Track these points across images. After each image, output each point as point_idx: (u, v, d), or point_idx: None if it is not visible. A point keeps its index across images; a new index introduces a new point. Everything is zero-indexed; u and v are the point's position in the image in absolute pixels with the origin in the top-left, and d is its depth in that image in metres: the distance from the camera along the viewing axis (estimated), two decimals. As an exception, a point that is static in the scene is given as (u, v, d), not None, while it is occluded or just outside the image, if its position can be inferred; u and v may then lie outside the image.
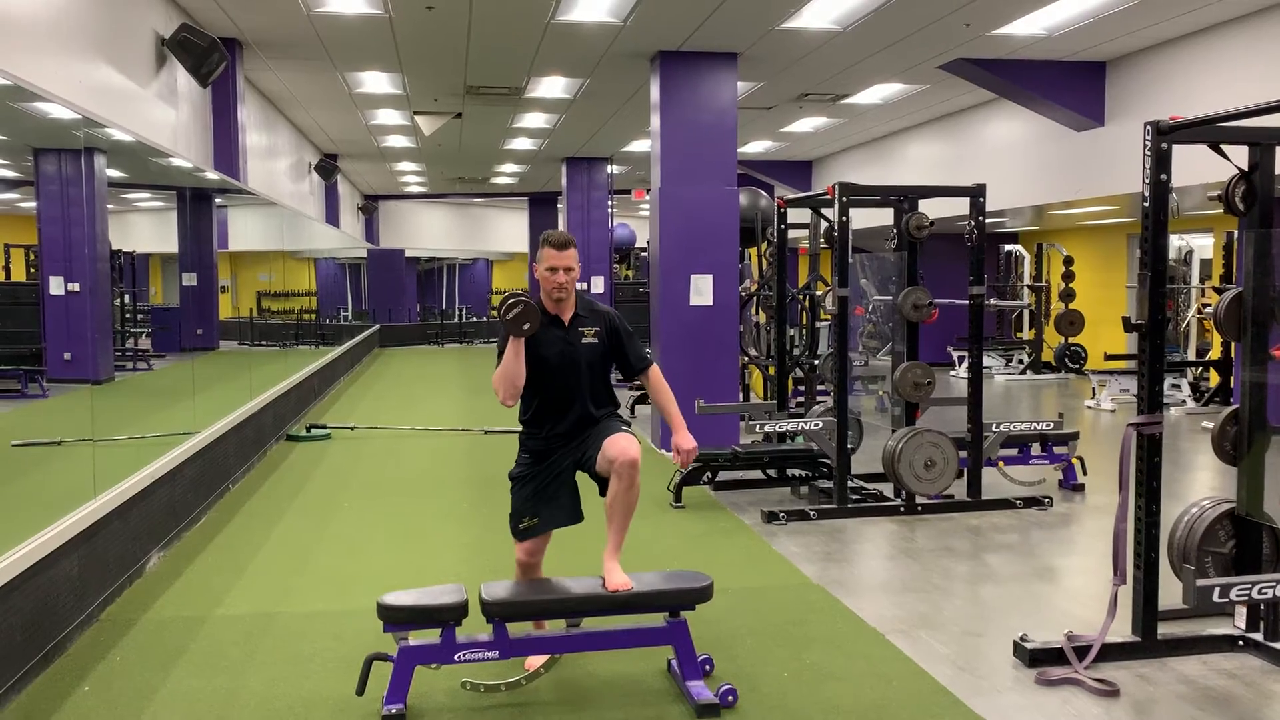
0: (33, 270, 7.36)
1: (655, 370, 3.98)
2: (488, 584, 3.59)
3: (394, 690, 3.39)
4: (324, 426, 9.74)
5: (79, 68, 5.62)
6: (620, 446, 3.62)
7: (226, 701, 3.57)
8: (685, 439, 3.83)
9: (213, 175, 8.17)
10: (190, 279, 8.14)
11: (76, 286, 5.54)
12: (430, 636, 3.47)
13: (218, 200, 8.68)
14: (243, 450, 7.56)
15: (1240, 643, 3.99)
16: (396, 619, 3.44)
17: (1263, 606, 3.91)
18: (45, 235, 5.67)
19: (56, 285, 5.55)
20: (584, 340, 3.82)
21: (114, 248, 7.31)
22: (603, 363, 3.89)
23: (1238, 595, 3.53)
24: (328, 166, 15.17)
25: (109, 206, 5.98)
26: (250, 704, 3.55)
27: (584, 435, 3.82)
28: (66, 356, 5.85)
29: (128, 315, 8.62)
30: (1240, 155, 4.03)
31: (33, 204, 5.76)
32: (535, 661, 3.70)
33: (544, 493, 3.82)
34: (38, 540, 3.83)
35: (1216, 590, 3.51)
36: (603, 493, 3.76)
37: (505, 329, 3.65)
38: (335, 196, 17.19)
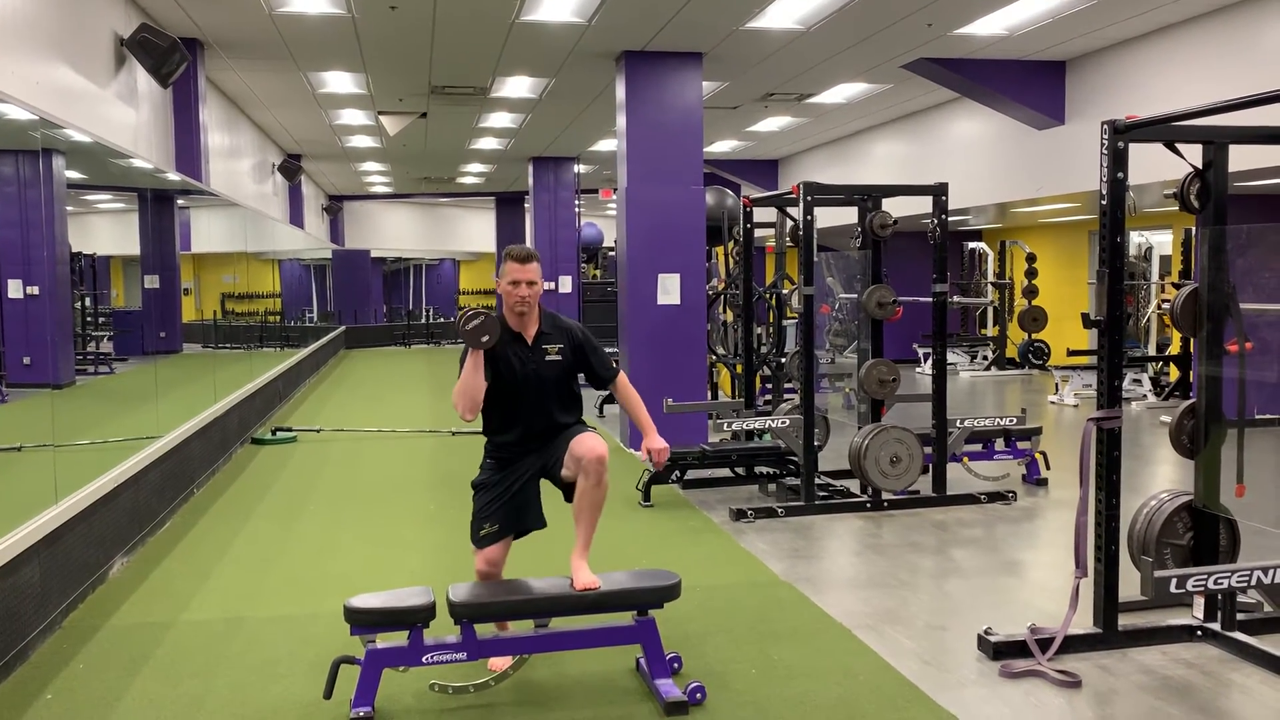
0: (-10, 274, 7.23)
1: (623, 377, 4.01)
2: (455, 586, 3.59)
3: (361, 693, 3.38)
4: (289, 429, 9.67)
5: (35, 68, 5.54)
6: (588, 445, 3.65)
7: (192, 707, 3.54)
8: (656, 440, 3.87)
9: (174, 176, 8.08)
10: (152, 281, 8.03)
11: (35, 290, 5.45)
12: (398, 639, 3.46)
13: (180, 202, 8.58)
14: (207, 454, 7.48)
15: (1198, 633, 4.06)
16: (364, 622, 3.43)
17: (1219, 597, 3.98)
18: (2, 238, 5.57)
19: (15, 289, 5.46)
20: (548, 358, 3.82)
21: (74, 250, 7.19)
22: (567, 378, 3.89)
23: (1194, 586, 3.60)
24: (291, 167, 15.04)
25: (68, 208, 5.89)
26: (216, 709, 3.52)
27: (549, 442, 3.83)
28: (26, 361, 5.75)
29: (89, 318, 8.49)
30: (1195, 153, 4.10)
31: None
32: (500, 663, 3.69)
33: (505, 498, 3.81)
34: (-3, 547, 3.77)
35: (1174, 581, 3.56)
36: (568, 499, 3.77)
37: (464, 342, 3.65)
38: (299, 197, 17.05)
